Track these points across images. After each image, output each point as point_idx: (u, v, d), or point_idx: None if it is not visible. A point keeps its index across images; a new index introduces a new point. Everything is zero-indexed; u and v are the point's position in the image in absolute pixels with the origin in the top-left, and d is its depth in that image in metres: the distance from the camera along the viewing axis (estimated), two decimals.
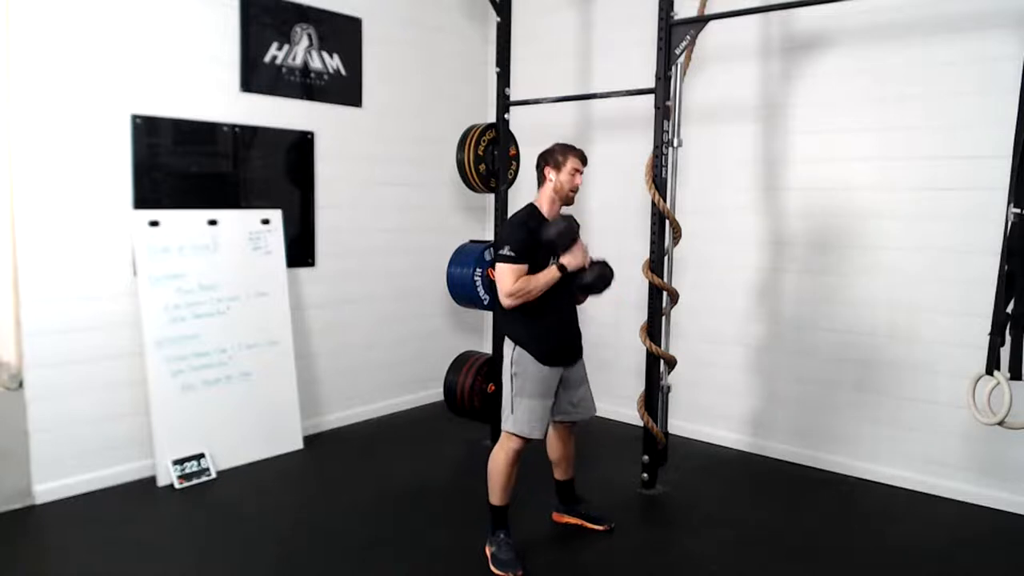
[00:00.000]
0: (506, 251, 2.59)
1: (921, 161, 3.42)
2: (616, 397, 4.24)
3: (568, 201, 2.77)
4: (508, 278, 2.58)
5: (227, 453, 3.61)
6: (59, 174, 3.17)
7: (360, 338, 4.47)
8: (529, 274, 2.62)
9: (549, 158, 2.76)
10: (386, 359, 4.63)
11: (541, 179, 2.79)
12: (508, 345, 2.75)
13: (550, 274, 2.62)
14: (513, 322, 2.72)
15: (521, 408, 2.66)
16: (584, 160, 2.78)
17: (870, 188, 3.57)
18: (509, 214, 4.03)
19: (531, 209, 2.77)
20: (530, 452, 2.73)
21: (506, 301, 2.60)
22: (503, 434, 2.71)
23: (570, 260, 2.64)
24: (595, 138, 4.61)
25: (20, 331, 3.10)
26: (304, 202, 4.13)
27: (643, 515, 3.30)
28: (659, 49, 3.28)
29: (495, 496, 2.73)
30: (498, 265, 2.61)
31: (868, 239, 3.59)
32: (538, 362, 2.68)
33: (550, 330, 2.71)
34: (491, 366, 4.06)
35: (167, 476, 3.38)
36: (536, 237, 2.65)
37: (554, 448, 3.01)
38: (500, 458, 2.70)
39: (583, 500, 3.09)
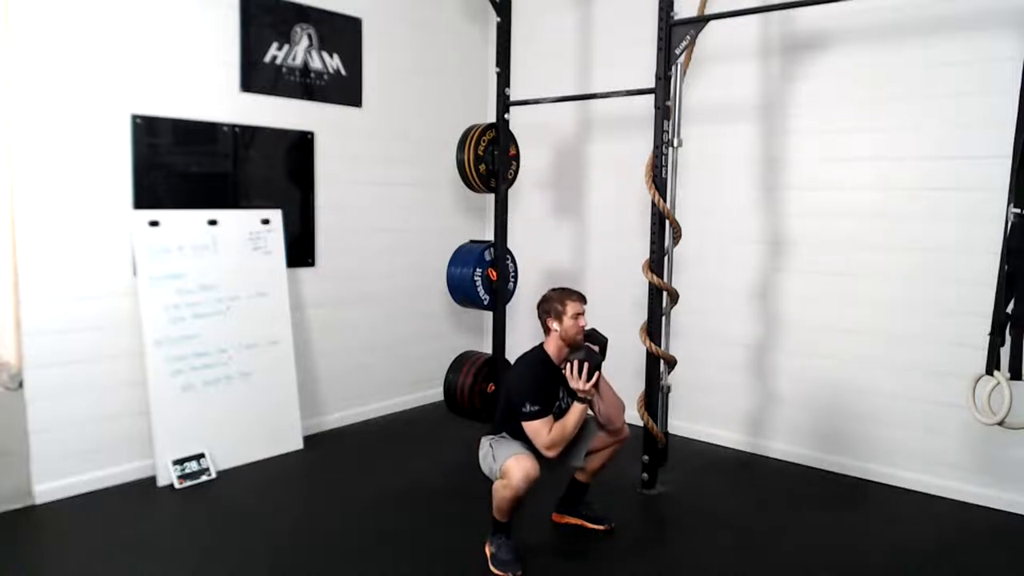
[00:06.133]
0: (531, 408, 2.60)
1: (921, 161, 3.42)
2: None
3: (576, 345, 2.73)
4: (542, 432, 2.60)
5: (227, 453, 3.61)
6: (59, 174, 3.17)
7: (360, 338, 4.47)
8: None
9: (549, 309, 2.75)
10: (386, 359, 4.63)
11: (546, 330, 2.79)
12: (486, 438, 2.81)
13: (576, 412, 2.65)
14: (512, 429, 2.75)
15: (501, 450, 2.68)
16: (583, 300, 2.77)
17: (870, 188, 3.57)
18: (509, 214, 4.06)
19: (542, 357, 2.77)
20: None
21: (548, 453, 2.61)
22: (502, 470, 2.64)
23: (578, 388, 2.64)
24: (595, 138, 4.61)
25: (20, 331, 3.10)
26: (304, 202, 4.13)
27: (643, 515, 3.30)
28: (659, 49, 3.28)
29: (500, 516, 2.70)
30: (528, 424, 2.62)
31: (868, 239, 3.59)
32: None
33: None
34: (491, 366, 4.06)
35: (167, 476, 3.38)
36: (548, 385, 2.71)
37: (593, 457, 2.95)
38: (505, 494, 2.62)
39: (584, 501, 3.08)
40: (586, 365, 2.63)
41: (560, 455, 2.68)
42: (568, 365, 2.66)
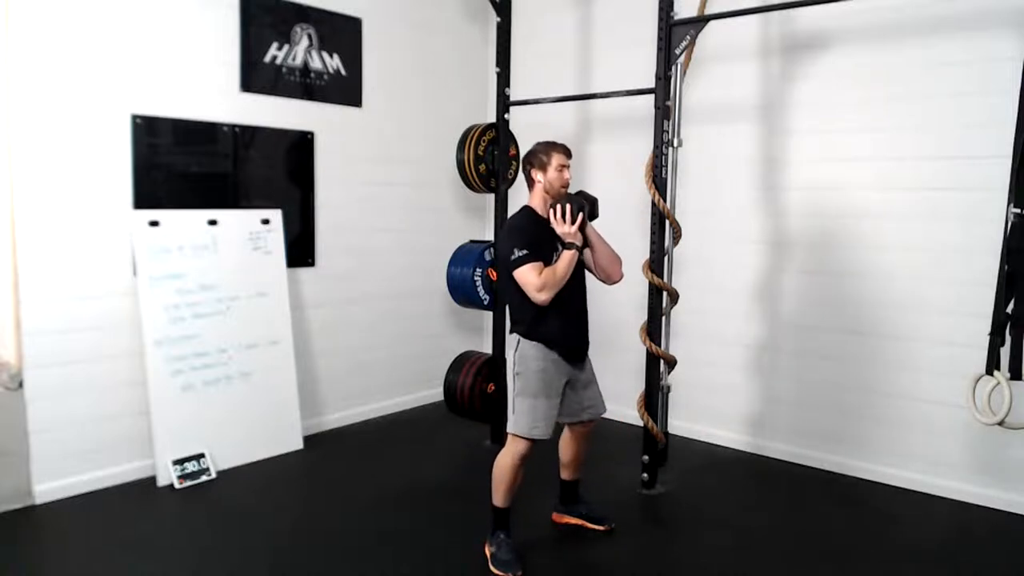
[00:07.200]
0: (519, 254, 2.59)
1: (921, 161, 3.42)
2: (616, 397, 4.24)
3: (560, 197, 2.74)
4: (532, 275, 2.58)
5: (227, 453, 3.61)
6: (59, 174, 3.17)
7: (360, 338, 4.47)
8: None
9: (534, 160, 2.75)
10: (386, 359, 4.63)
11: (530, 182, 2.78)
12: (512, 343, 2.75)
13: (565, 257, 2.62)
14: (523, 316, 2.71)
15: (522, 407, 2.66)
16: (568, 153, 2.76)
17: (870, 188, 3.57)
18: (509, 214, 4.05)
19: (527, 211, 2.77)
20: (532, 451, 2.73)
21: (540, 296, 2.57)
22: (508, 437, 2.70)
23: (563, 232, 2.63)
24: (595, 138, 4.61)
25: (20, 331, 3.10)
26: (304, 202, 4.13)
27: (643, 515, 3.30)
28: (659, 49, 3.28)
29: (498, 498, 2.73)
30: (517, 271, 2.59)
31: (868, 239, 3.59)
32: (542, 356, 2.67)
33: (560, 322, 2.70)
34: (491, 366, 4.06)
35: (167, 476, 3.38)
36: (537, 236, 2.66)
37: (566, 449, 3.00)
38: (505, 461, 2.69)
39: (584, 500, 3.09)
40: (569, 207, 2.62)
41: (553, 301, 2.60)
42: (552, 210, 2.66)
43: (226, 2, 3.68)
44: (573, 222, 2.62)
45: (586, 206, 2.68)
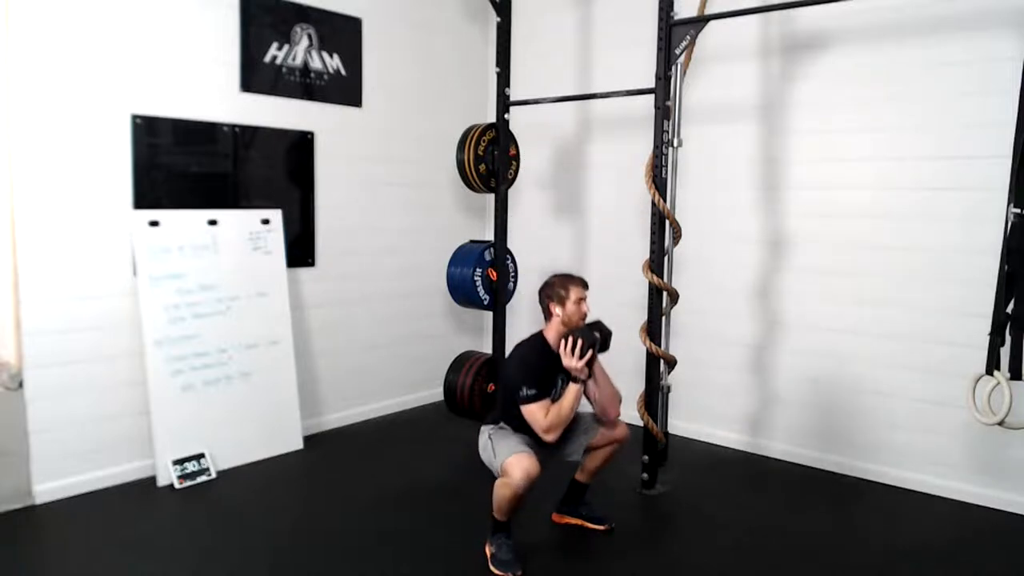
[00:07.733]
0: (526, 392, 2.62)
1: (921, 161, 3.42)
2: None
3: (574, 328, 2.74)
4: (539, 415, 2.61)
5: (227, 453, 3.61)
6: (59, 174, 3.17)
7: (360, 338, 4.47)
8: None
9: (552, 293, 2.76)
10: (386, 359, 4.63)
11: (547, 315, 2.79)
12: (486, 427, 2.82)
13: (571, 392, 2.65)
14: (502, 415, 2.81)
15: (500, 445, 2.69)
16: (586, 286, 2.78)
17: (870, 188, 3.57)
18: (509, 215, 4.06)
19: (540, 342, 2.78)
20: None
21: (548, 437, 2.63)
22: (502, 468, 2.65)
23: (570, 366, 2.65)
24: (595, 138, 4.61)
25: (20, 331, 3.10)
26: (304, 202, 4.13)
27: (643, 515, 3.31)
28: (659, 49, 3.28)
29: (500, 515, 2.71)
30: (525, 408, 2.63)
31: (868, 239, 3.59)
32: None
33: (530, 442, 2.73)
34: (491, 366, 4.06)
35: (167, 476, 3.38)
36: (545, 372, 2.71)
37: (594, 457, 2.97)
38: (505, 492, 2.63)
39: (585, 501, 3.08)
40: (580, 342, 2.63)
41: (561, 441, 2.69)
42: (563, 341, 2.67)
43: (226, 2, 3.68)
44: (582, 357, 2.64)
45: (597, 342, 2.69)
